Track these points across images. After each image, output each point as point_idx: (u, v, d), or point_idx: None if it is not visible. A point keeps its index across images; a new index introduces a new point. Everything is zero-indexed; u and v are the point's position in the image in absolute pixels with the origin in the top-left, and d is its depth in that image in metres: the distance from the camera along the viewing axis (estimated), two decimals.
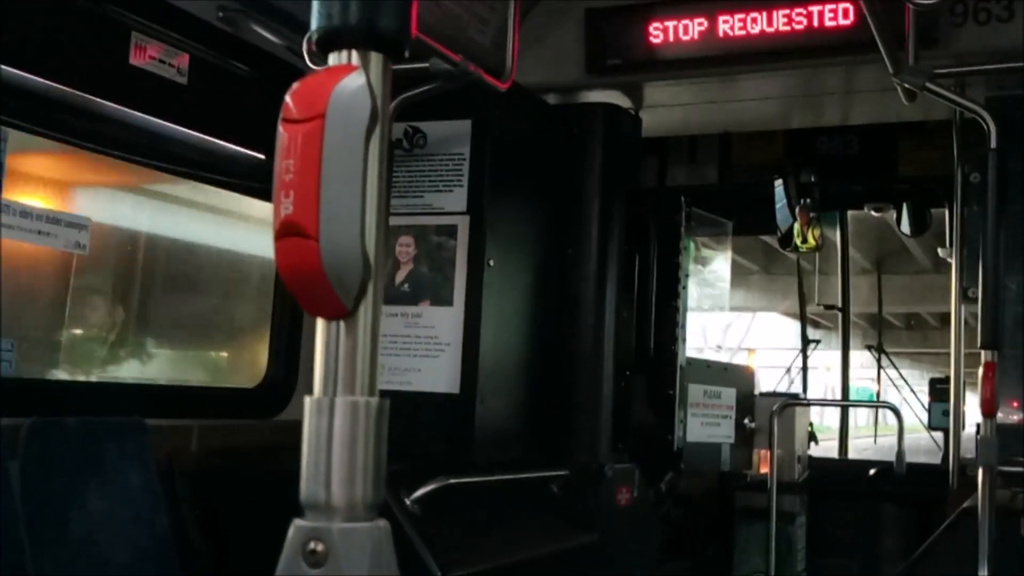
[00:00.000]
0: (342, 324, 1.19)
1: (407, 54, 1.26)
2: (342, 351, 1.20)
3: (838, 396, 7.90)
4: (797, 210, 5.52)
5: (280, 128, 1.15)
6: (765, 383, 6.94)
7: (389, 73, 1.22)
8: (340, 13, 1.20)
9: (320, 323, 1.21)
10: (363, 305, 1.19)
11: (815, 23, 4.05)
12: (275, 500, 1.49)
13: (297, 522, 1.18)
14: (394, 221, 3.90)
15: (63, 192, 3.52)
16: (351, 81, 1.15)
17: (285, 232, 1.14)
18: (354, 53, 1.21)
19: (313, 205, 1.12)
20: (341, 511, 1.18)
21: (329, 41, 1.21)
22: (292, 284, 1.16)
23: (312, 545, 1.17)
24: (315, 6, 1.21)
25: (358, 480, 1.19)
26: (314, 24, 1.21)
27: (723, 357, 6.72)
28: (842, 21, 4.00)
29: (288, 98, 1.16)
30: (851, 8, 3.95)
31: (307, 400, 1.20)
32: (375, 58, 1.21)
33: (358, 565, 1.17)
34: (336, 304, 1.17)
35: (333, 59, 1.22)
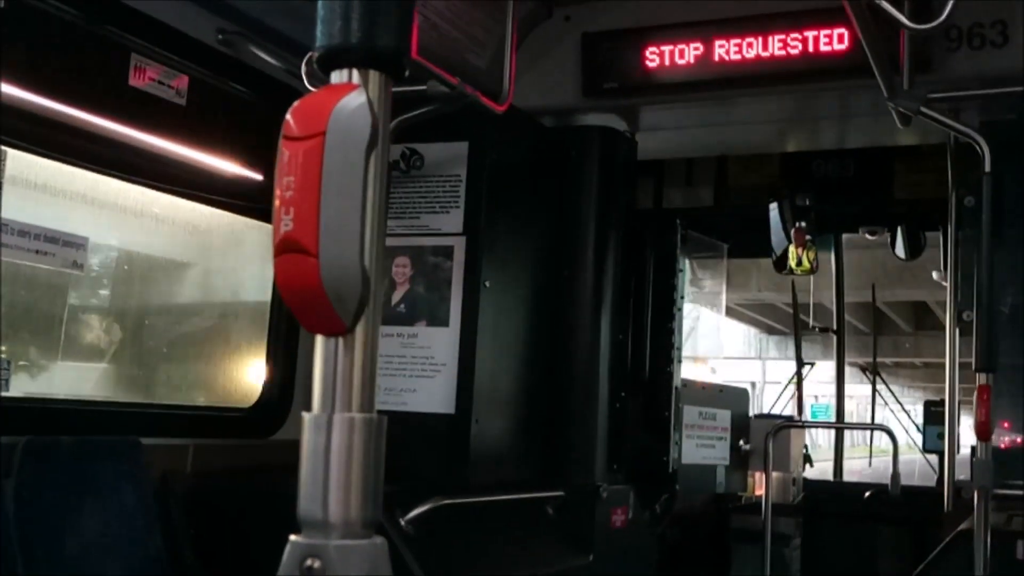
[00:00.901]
0: (340, 341, 1.20)
1: (407, 74, 1.27)
2: (340, 368, 1.20)
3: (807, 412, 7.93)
4: (792, 233, 5.54)
5: (281, 145, 1.16)
6: None
7: (389, 92, 1.23)
8: (341, 32, 1.21)
9: (319, 340, 1.21)
10: (362, 322, 1.19)
11: (810, 48, 4.08)
12: (270, 520, 1.49)
13: (294, 539, 1.18)
14: (391, 242, 3.91)
15: None
16: (352, 99, 1.16)
17: (285, 248, 1.14)
18: (355, 72, 1.22)
19: (313, 222, 1.13)
20: (338, 528, 1.18)
21: (330, 60, 1.22)
22: (291, 300, 1.17)
23: (309, 562, 1.17)
24: (318, 26, 1.22)
25: (355, 497, 1.19)
26: (316, 43, 1.23)
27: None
28: (837, 46, 4.02)
29: (289, 116, 1.17)
30: (846, 33, 3.98)
31: (305, 416, 1.20)
32: (375, 77, 1.22)
33: None
34: (335, 321, 1.17)
35: (334, 78, 1.23)
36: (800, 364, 7.39)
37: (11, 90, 2.92)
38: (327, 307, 1.15)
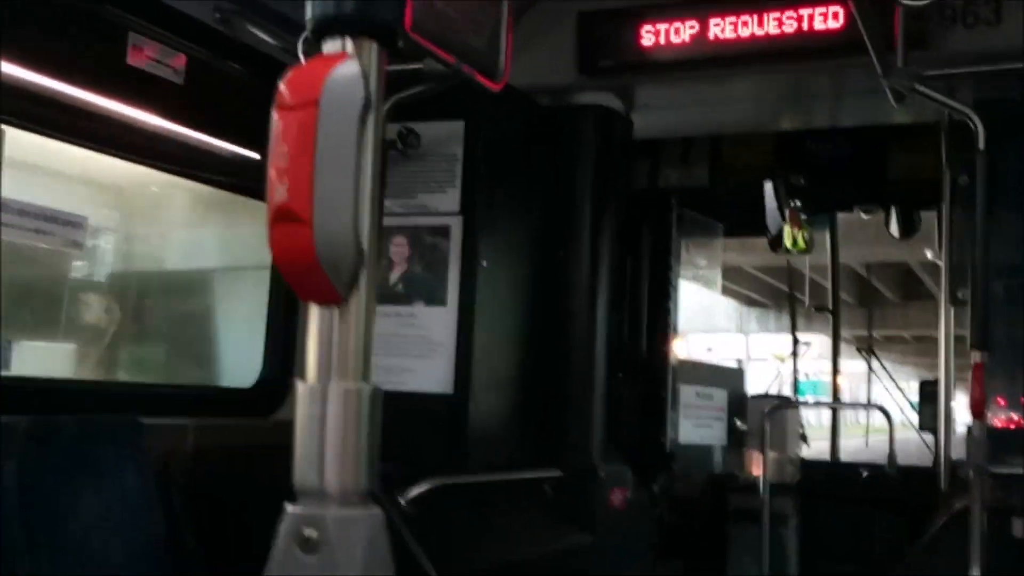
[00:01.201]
0: (335, 311, 1.21)
1: (400, 44, 1.28)
2: (335, 338, 1.21)
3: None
4: (787, 212, 5.53)
5: (274, 115, 1.16)
6: None
7: (383, 62, 1.23)
8: (336, 2, 1.22)
9: (314, 310, 1.22)
10: (356, 292, 1.20)
11: (805, 26, 4.07)
12: (271, 500, 1.50)
13: (290, 508, 1.19)
14: (388, 222, 3.91)
15: None
16: (345, 68, 1.17)
17: (279, 217, 1.15)
18: (348, 42, 1.22)
19: (307, 191, 1.14)
20: (335, 498, 1.18)
21: (324, 29, 1.23)
22: (286, 269, 1.17)
23: (306, 531, 1.17)
24: None
25: (352, 466, 1.20)
26: (309, 13, 1.23)
27: None
28: (832, 24, 4.02)
29: (282, 85, 1.17)
30: (841, 11, 3.98)
31: (300, 386, 1.21)
32: (369, 46, 1.22)
33: (353, 552, 1.17)
34: (329, 290, 1.18)
35: (327, 48, 1.23)
36: (796, 342, 7.38)
37: (9, 68, 2.91)
38: (322, 276, 1.16)
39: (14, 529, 2.77)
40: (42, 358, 3.97)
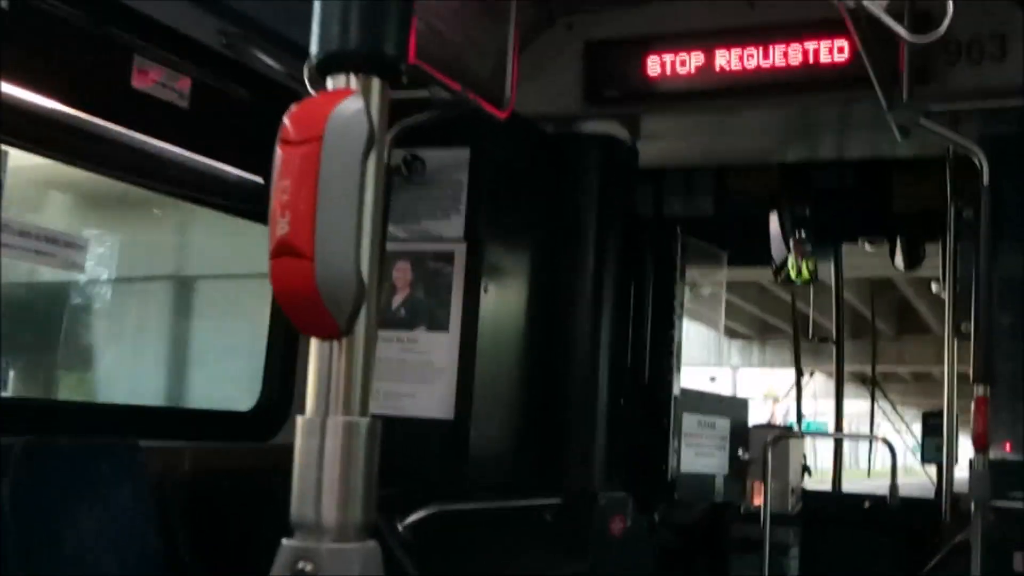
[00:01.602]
0: (335, 344, 1.20)
1: (405, 80, 1.28)
2: (335, 371, 1.21)
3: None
4: (792, 242, 5.54)
5: (278, 149, 1.17)
6: None
7: (387, 97, 1.24)
8: (339, 37, 1.22)
9: (314, 343, 1.22)
10: (357, 326, 1.20)
11: (811, 59, 4.09)
12: (266, 523, 1.50)
13: (286, 542, 1.18)
14: (391, 247, 3.92)
15: None
16: (349, 104, 1.17)
17: (280, 252, 1.15)
18: (352, 77, 1.22)
19: (309, 225, 1.14)
20: (331, 531, 1.18)
21: (328, 65, 1.23)
22: (286, 303, 1.17)
23: (301, 565, 1.17)
24: (314, 31, 1.23)
25: (349, 501, 1.19)
26: (313, 48, 1.23)
27: None
28: (837, 57, 4.04)
29: (286, 120, 1.18)
30: (846, 45, 3.99)
31: (299, 420, 1.21)
32: (373, 82, 1.22)
33: None
34: (330, 324, 1.18)
35: (332, 83, 1.23)
36: (799, 374, 7.37)
37: (14, 90, 2.92)
38: (322, 310, 1.16)
39: (10, 550, 2.76)
40: None
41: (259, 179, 3.81)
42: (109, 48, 3.26)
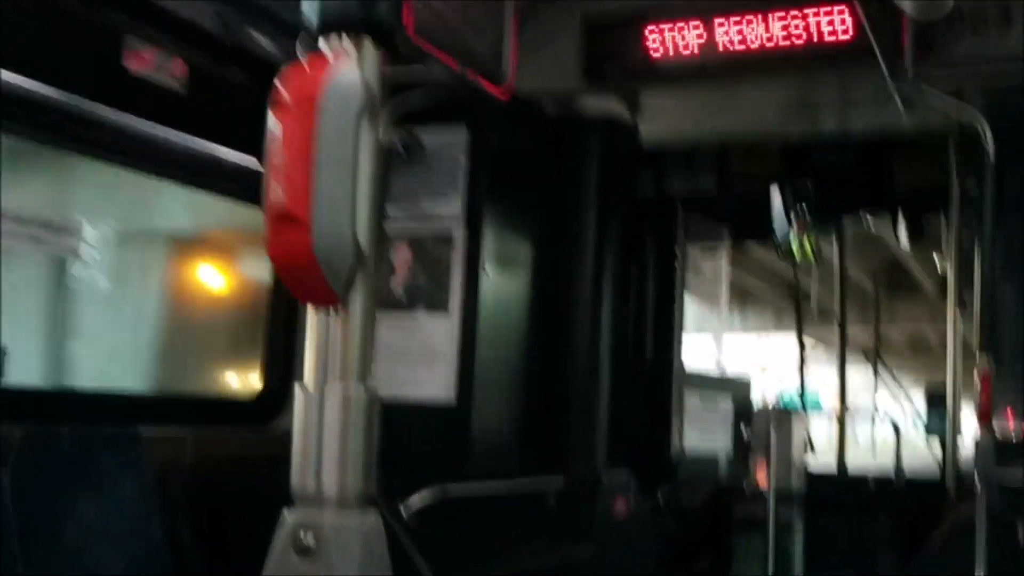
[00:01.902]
0: (333, 312, 1.18)
1: (399, 44, 1.25)
2: (333, 341, 1.19)
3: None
4: (794, 219, 5.51)
5: (271, 114, 1.14)
6: None
7: (383, 61, 1.21)
8: (335, 2, 1.19)
9: (311, 312, 1.20)
10: (355, 294, 1.18)
11: (813, 35, 4.05)
12: (268, 510, 1.48)
13: (288, 512, 1.17)
14: (390, 229, 3.89)
15: None
16: (343, 67, 1.15)
17: (277, 219, 1.13)
18: (348, 42, 1.20)
19: (304, 191, 1.11)
20: (332, 502, 1.16)
21: (323, 28, 1.21)
22: (283, 270, 1.15)
23: (303, 535, 1.15)
24: None
25: (349, 470, 1.17)
26: (306, 11, 1.21)
27: None
28: (840, 30, 3.99)
29: (279, 83, 1.15)
30: (849, 19, 3.95)
31: (297, 390, 1.19)
32: (368, 46, 1.20)
33: (349, 557, 1.15)
34: (327, 291, 1.16)
35: (326, 48, 1.21)
36: (802, 347, 7.33)
37: (6, 75, 2.89)
38: (319, 277, 1.13)
39: (10, 539, 2.74)
40: None
41: (255, 160, 3.78)
42: (101, 30, 3.23)
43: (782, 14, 4.05)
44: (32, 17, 3.02)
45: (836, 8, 3.97)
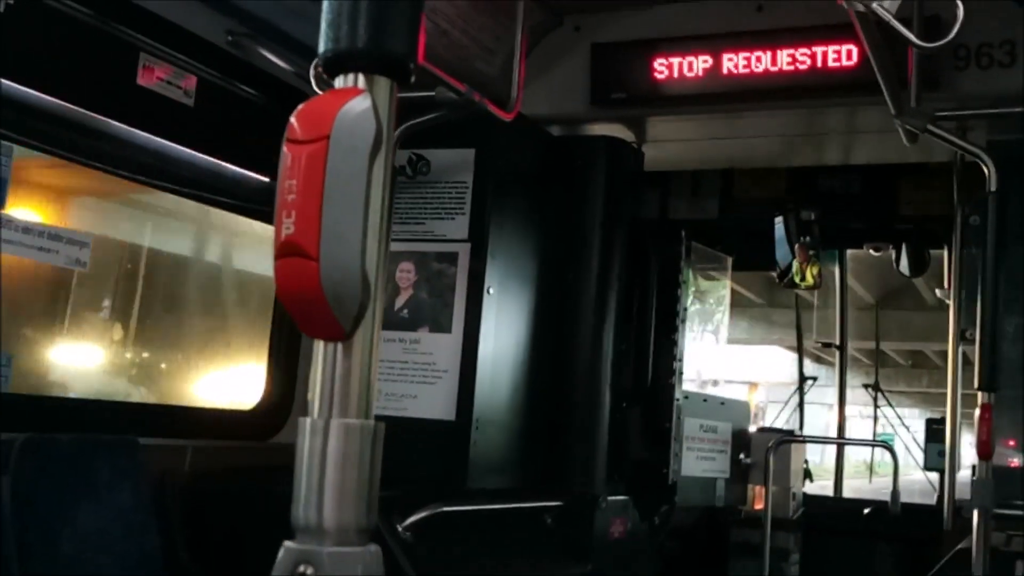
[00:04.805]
0: (339, 347, 1.19)
1: (413, 79, 1.27)
2: (339, 373, 1.20)
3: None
4: (796, 247, 5.53)
5: (284, 148, 1.15)
6: None
7: (395, 97, 1.22)
8: (348, 36, 1.21)
9: (318, 345, 1.21)
10: (361, 328, 1.19)
11: (819, 64, 4.07)
12: (267, 522, 1.49)
13: (287, 544, 1.17)
14: (395, 247, 3.91)
15: None
16: (357, 103, 1.16)
17: (285, 252, 1.14)
18: (360, 76, 1.21)
19: (314, 226, 1.13)
20: (332, 534, 1.17)
21: (336, 64, 1.22)
22: (290, 304, 1.16)
23: (302, 568, 1.16)
24: (323, 29, 1.22)
25: (350, 504, 1.18)
26: (321, 47, 1.22)
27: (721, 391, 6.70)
28: (845, 62, 4.02)
29: (293, 119, 1.16)
30: (855, 50, 3.98)
31: (302, 421, 1.20)
32: (381, 81, 1.21)
33: None
34: (334, 326, 1.17)
35: (339, 82, 1.22)
36: (803, 378, 7.37)
37: (19, 87, 2.92)
38: (327, 312, 1.15)
39: (8, 547, 2.75)
40: None
41: (265, 178, 3.81)
42: (115, 45, 3.26)
43: (790, 51, 4.08)
44: (46, 31, 3.05)
45: (844, 47, 4.00)
